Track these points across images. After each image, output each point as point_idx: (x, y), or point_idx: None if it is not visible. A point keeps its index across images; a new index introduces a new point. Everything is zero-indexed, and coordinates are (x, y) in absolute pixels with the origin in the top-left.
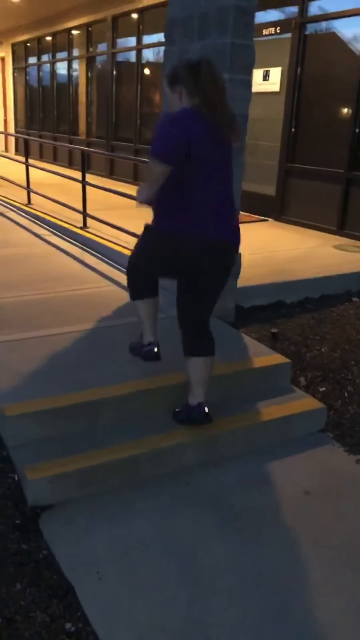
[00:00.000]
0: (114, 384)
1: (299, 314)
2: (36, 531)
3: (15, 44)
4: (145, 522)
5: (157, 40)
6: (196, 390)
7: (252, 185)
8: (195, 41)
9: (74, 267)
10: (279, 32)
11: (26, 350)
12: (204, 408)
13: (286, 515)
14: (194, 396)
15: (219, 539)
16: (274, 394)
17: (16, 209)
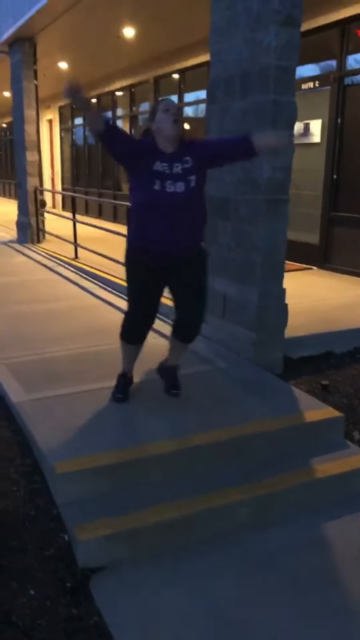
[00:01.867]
0: (164, 440)
1: (350, 365)
2: (87, 595)
3: (62, 106)
4: (198, 586)
5: (197, 97)
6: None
7: (295, 234)
8: (237, 100)
9: (121, 319)
10: (318, 86)
11: (76, 405)
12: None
13: (348, 580)
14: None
15: (276, 606)
16: (327, 450)
17: (64, 263)
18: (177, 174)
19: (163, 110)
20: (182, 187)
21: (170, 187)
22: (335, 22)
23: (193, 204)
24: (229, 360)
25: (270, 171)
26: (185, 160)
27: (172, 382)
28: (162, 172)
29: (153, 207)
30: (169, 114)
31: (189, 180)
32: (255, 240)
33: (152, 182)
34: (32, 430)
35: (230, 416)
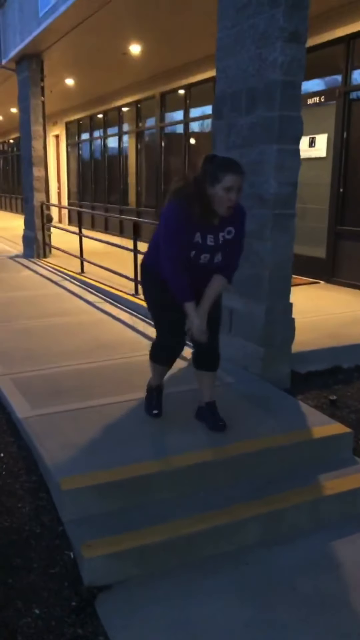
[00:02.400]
0: (171, 456)
1: (358, 380)
2: (93, 614)
3: (69, 122)
4: (206, 606)
5: (202, 112)
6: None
7: (302, 249)
8: (243, 115)
9: (127, 334)
10: (324, 101)
11: (82, 421)
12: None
13: (356, 602)
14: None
15: (287, 628)
16: (336, 466)
17: (70, 277)
18: (221, 245)
19: (226, 188)
20: (220, 256)
21: (211, 259)
22: (341, 38)
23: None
24: (236, 375)
25: (276, 186)
26: (229, 231)
27: (213, 417)
28: (208, 246)
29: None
30: (232, 193)
31: (227, 252)
32: (262, 255)
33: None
34: (37, 446)
35: (238, 432)
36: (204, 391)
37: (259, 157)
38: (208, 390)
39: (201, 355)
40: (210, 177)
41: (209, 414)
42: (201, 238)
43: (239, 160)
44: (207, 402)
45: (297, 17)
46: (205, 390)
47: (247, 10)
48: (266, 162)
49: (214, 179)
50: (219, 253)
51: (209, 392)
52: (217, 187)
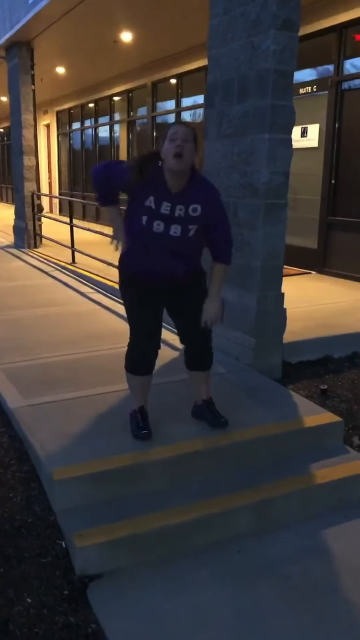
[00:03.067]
0: (162, 445)
1: (348, 370)
2: (85, 603)
3: (59, 111)
4: (197, 595)
5: (194, 102)
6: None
7: (294, 239)
8: (235, 104)
9: (119, 324)
10: (316, 90)
11: (73, 411)
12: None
13: (349, 588)
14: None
15: (279, 616)
16: (326, 455)
17: (61, 268)
18: (178, 217)
19: (170, 138)
20: (179, 231)
21: (166, 229)
22: (333, 27)
23: (188, 249)
24: (227, 365)
25: (268, 175)
26: (194, 209)
27: (213, 415)
28: (162, 213)
29: (146, 241)
30: (174, 144)
31: (188, 229)
32: (253, 245)
33: (149, 220)
34: (29, 437)
35: (230, 421)
36: (200, 389)
37: (250, 146)
38: (204, 388)
39: (194, 356)
40: (161, 138)
41: (208, 411)
42: (154, 203)
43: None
44: (204, 399)
45: (290, 5)
46: (201, 388)
47: None
48: (258, 151)
49: (162, 136)
50: (177, 226)
51: (205, 389)
52: (165, 142)
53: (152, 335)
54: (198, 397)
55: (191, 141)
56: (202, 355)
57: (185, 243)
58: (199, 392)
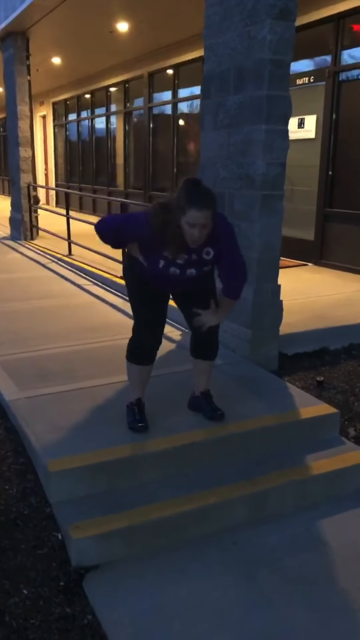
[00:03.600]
0: (159, 437)
1: (345, 361)
2: (80, 594)
3: (56, 102)
4: (193, 585)
5: (191, 93)
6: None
7: (290, 231)
8: (231, 94)
9: (116, 316)
10: (313, 81)
11: (70, 403)
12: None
13: (343, 579)
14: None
15: (273, 606)
16: (322, 447)
17: (58, 260)
18: (192, 262)
19: (189, 223)
20: (194, 272)
21: (182, 272)
22: (330, 17)
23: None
24: (224, 357)
25: (264, 167)
26: (207, 252)
27: (210, 407)
28: (177, 263)
29: (160, 277)
30: (193, 230)
31: (203, 270)
32: (250, 237)
33: (166, 265)
34: (25, 428)
35: (226, 413)
36: (200, 380)
37: (247, 137)
38: (204, 379)
39: (200, 345)
40: (179, 207)
41: (205, 403)
42: (180, 258)
43: (213, 191)
44: (202, 391)
45: None
46: (201, 379)
47: None
48: (254, 142)
49: (181, 209)
50: (192, 269)
51: (205, 380)
52: (183, 219)
53: (157, 326)
54: (197, 388)
55: (209, 223)
56: (208, 344)
57: (201, 278)
58: (199, 383)
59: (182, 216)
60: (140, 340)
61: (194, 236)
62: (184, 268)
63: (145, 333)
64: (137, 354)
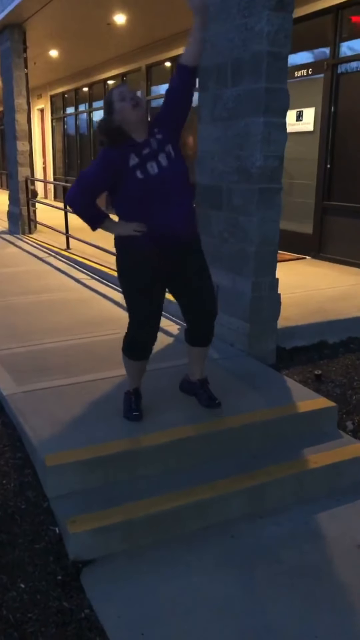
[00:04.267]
0: (156, 431)
1: (343, 355)
2: (78, 588)
3: (53, 95)
4: (191, 579)
5: None
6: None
7: (289, 224)
8: (229, 87)
9: (114, 310)
10: (311, 74)
11: (67, 397)
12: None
13: (341, 572)
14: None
15: (272, 599)
16: (320, 440)
17: (56, 254)
18: (157, 149)
19: (119, 99)
20: (165, 160)
21: (154, 167)
22: (329, 8)
23: (180, 171)
24: (222, 351)
25: (262, 159)
26: (155, 133)
27: (207, 395)
28: (145, 154)
29: (147, 194)
30: (127, 100)
31: (168, 152)
32: (248, 230)
33: (143, 168)
34: (22, 423)
35: (224, 407)
36: (196, 367)
37: (244, 129)
38: (200, 367)
39: (196, 330)
40: (109, 112)
41: (202, 391)
42: (137, 157)
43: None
44: (199, 379)
45: None
46: (196, 367)
47: None
48: (252, 134)
49: (109, 108)
50: (162, 154)
51: (200, 368)
52: (116, 109)
53: (153, 321)
54: (193, 375)
55: (136, 97)
56: (204, 329)
57: (176, 166)
58: (195, 370)
59: (113, 110)
60: (135, 336)
61: (132, 100)
62: (154, 157)
63: (141, 329)
64: (132, 348)
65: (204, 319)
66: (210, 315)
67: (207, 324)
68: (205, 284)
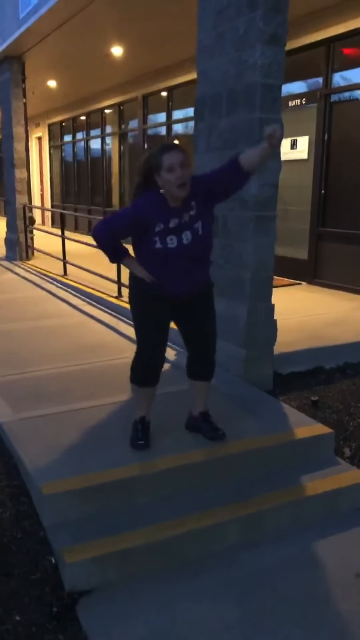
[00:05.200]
0: (153, 458)
1: (340, 380)
2: (74, 619)
3: (51, 124)
4: (188, 610)
5: (186, 114)
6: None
7: (284, 250)
8: (224, 117)
9: (110, 336)
10: (305, 103)
11: (64, 424)
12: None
13: (340, 601)
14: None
15: (270, 628)
16: (317, 467)
17: (53, 280)
18: (184, 224)
19: (168, 169)
20: (190, 236)
21: (179, 240)
22: (321, 41)
23: (202, 248)
24: (218, 376)
25: (257, 188)
26: (191, 207)
27: (210, 427)
28: (171, 228)
29: (163, 262)
30: (174, 174)
31: (196, 229)
32: (243, 256)
33: (162, 239)
34: (19, 451)
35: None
36: (198, 401)
37: None
38: (202, 400)
39: (197, 365)
40: (154, 168)
41: (205, 423)
42: (163, 225)
43: (219, 159)
44: (200, 411)
45: (276, 20)
46: (199, 400)
47: (226, 13)
48: None
49: (156, 166)
50: (187, 231)
51: (203, 401)
52: (162, 172)
53: (160, 348)
54: (195, 408)
55: (187, 164)
56: (205, 364)
57: (198, 244)
58: (197, 404)
59: (160, 171)
60: (143, 363)
61: (179, 179)
62: (178, 232)
63: (149, 357)
64: (141, 377)
65: (203, 363)
66: (206, 363)
67: (203, 365)
68: (212, 329)
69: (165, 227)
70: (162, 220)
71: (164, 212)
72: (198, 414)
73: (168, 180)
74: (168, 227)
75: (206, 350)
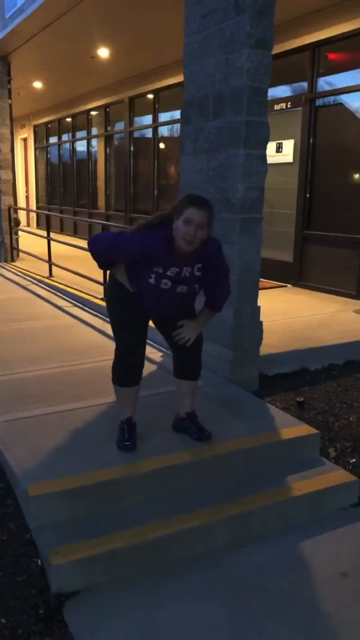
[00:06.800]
0: (140, 460)
1: (325, 382)
2: (60, 622)
3: (37, 125)
4: (175, 610)
5: (172, 117)
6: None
7: (270, 252)
8: (210, 120)
9: (96, 338)
10: (290, 107)
11: (50, 426)
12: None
13: (327, 600)
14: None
15: (257, 629)
16: (303, 467)
17: (38, 281)
18: (184, 278)
19: (185, 221)
20: (185, 289)
21: (173, 287)
22: (307, 45)
23: (193, 298)
24: (204, 378)
25: (243, 190)
26: (198, 268)
27: (197, 427)
28: (169, 276)
29: (151, 294)
30: (188, 229)
31: (194, 287)
32: (229, 258)
33: (157, 280)
34: (4, 453)
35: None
36: (184, 401)
37: (226, 161)
38: (188, 400)
39: (183, 365)
40: (177, 211)
41: (192, 424)
42: (162, 269)
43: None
44: (187, 412)
45: (263, 24)
46: (185, 400)
47: (213, 16)
48: (233, 166)
49: (179, 211)
50: (184, 286)
51: (189, 402)
52: (180, 219)
53: (139, 348)
54: (182, 409)
55: (206, 226)
56: (191, 364)
57: (190, 294)
58: (184, 404)
59: (179, 217)
60: (123, 363)
61: (188, 235)
62: (175, 282)
63: (128, 356)
64: (123, 377)
65: (188, 363)
66: (191, 361)
67: (188, 364)
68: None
69: (163, 273)
70: (163, 266)
71: (168, 259)
72: (185, 414)
73: (179, 229)
74: (165, 273)
75: (192, 355)
